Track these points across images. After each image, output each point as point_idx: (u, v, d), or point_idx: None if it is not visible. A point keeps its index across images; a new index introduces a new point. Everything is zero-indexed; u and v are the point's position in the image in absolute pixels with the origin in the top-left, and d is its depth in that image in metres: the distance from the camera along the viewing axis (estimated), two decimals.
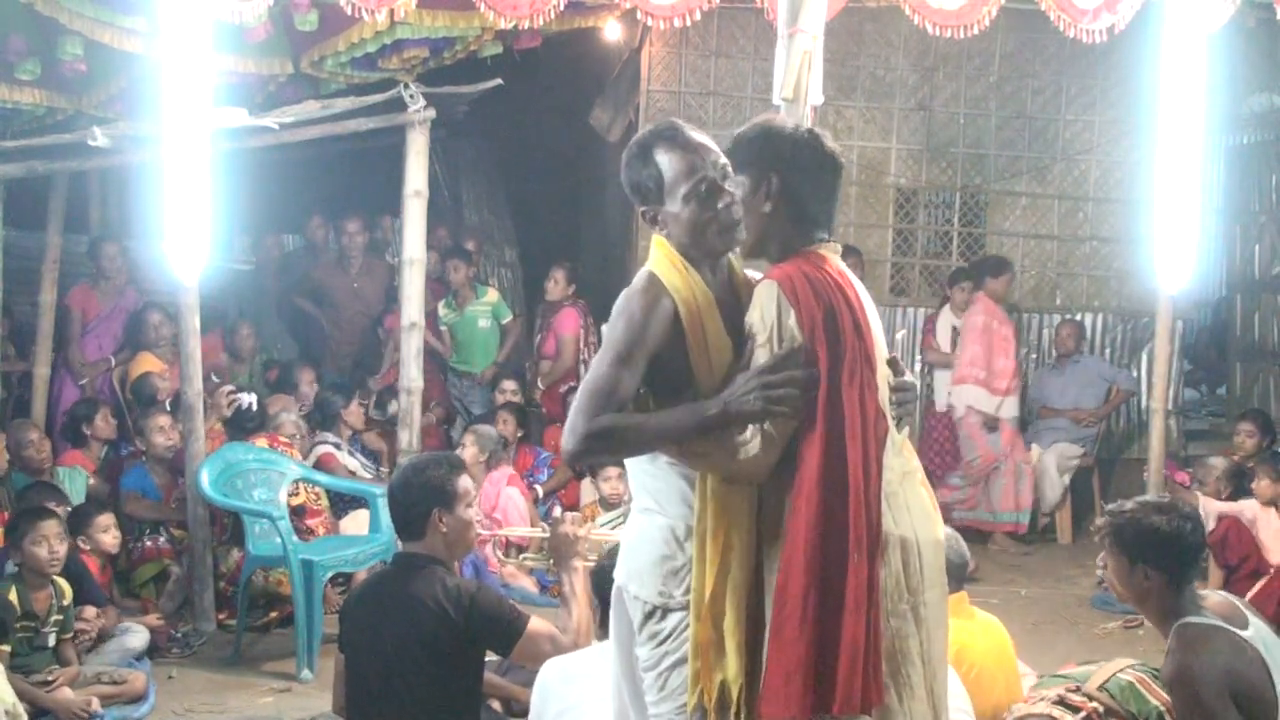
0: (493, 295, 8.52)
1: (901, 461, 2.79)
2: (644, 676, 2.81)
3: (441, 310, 8.40)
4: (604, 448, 2.73)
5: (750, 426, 2.64)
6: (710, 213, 2.74)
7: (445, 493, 3.68)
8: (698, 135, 2.81)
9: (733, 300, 2.83)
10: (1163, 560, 3.28)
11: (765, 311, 2.68)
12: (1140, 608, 3.41)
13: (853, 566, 2.57)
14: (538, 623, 3.62)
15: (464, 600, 3.54)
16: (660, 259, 2.78)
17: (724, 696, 2.65)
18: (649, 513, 2.82)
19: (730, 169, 2.80)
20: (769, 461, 2.64)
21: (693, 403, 2.66)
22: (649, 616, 2.78)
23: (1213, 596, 3.42)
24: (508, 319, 8.53)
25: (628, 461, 2.89)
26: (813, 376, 2.62)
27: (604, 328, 2.83)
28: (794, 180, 2.80)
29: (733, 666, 2.64)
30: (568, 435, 2.65)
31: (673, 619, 2.74)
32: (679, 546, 2.74)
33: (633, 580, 2.81)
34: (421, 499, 3.66)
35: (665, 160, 2.76)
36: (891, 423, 2.77)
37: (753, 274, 2.93)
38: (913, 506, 2.76)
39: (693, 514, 2.72)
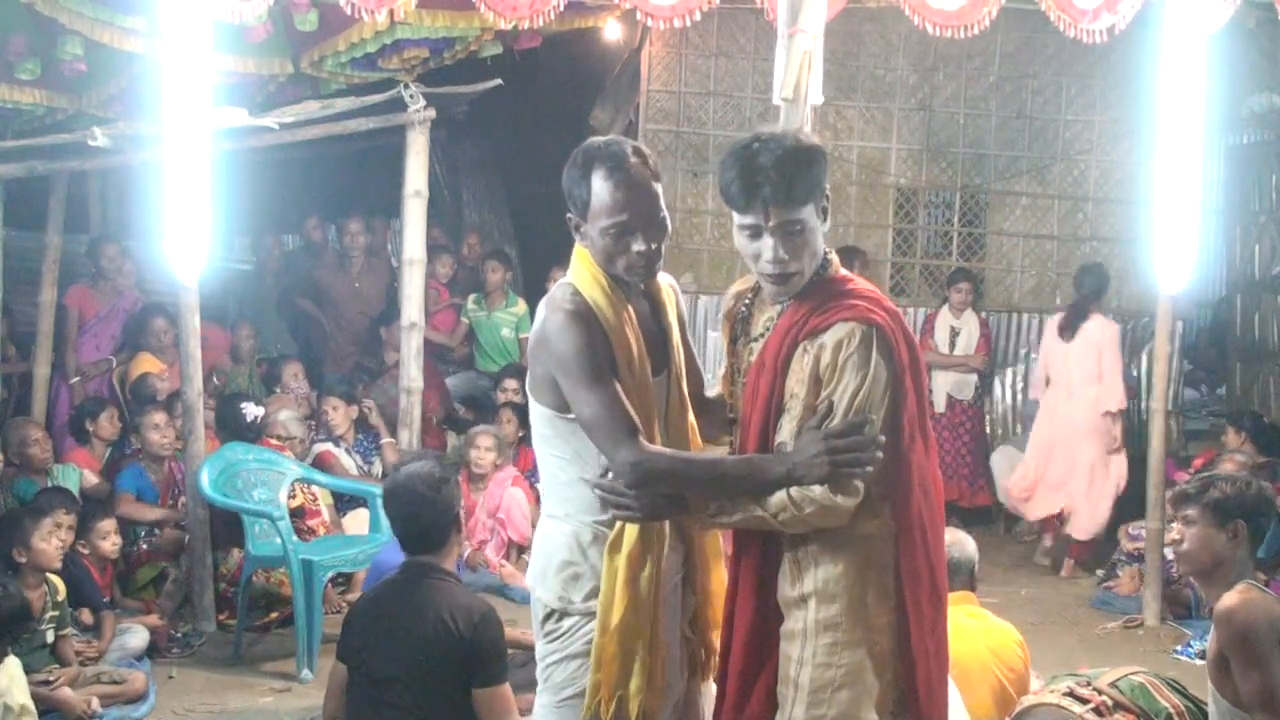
0: (521, 308, 8.50)
1: None
2: (537, 665, 2.93)
3: (470, 304, 8.48)
4: (661, 487, 2.68)
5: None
6: (621, 253, 2.77)
7: (459, 510, 3.80)
8: (638, 173, 2.75)
9: (649, 307, 2.91)
10: (1253, 517, 3.46)
11: (848, 361, 2.60)
12: (1211, 573, 3.50)
13: (943, 592, 2.78)
14: (511, 692, 3.67)
15: (474, 616, 3.59)
16: (582, 273, 2.82)
17: (621, 710, 2.75)
18: (555, 519, 2.89)
19: (665, 218, 2.80)
20: (857, 502, 2.63)
21: (755, 457, 2.67)
22: (548, 618, 2.88)
23: None
24: (527, 334, 8.50)
25: (540, 464, 2.93)
26: (880, 443, 2.59)
27: (541, 348, 2.80)
28: None
29: (635, 682, 2.74)
30: (620, 468, 2.66)
31: (568, 622, 2.85)
32: (581, 553, 2.82)
33: (537, 584, 2.90)
34: (446, 516, 3.74)
35: (598, 187, 2.75)
36: None
37: (662, 278, 2.97)
38: None
39: (593, 518, 2.80)
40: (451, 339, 8.55)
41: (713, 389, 3.08)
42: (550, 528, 2.90)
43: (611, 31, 8.23)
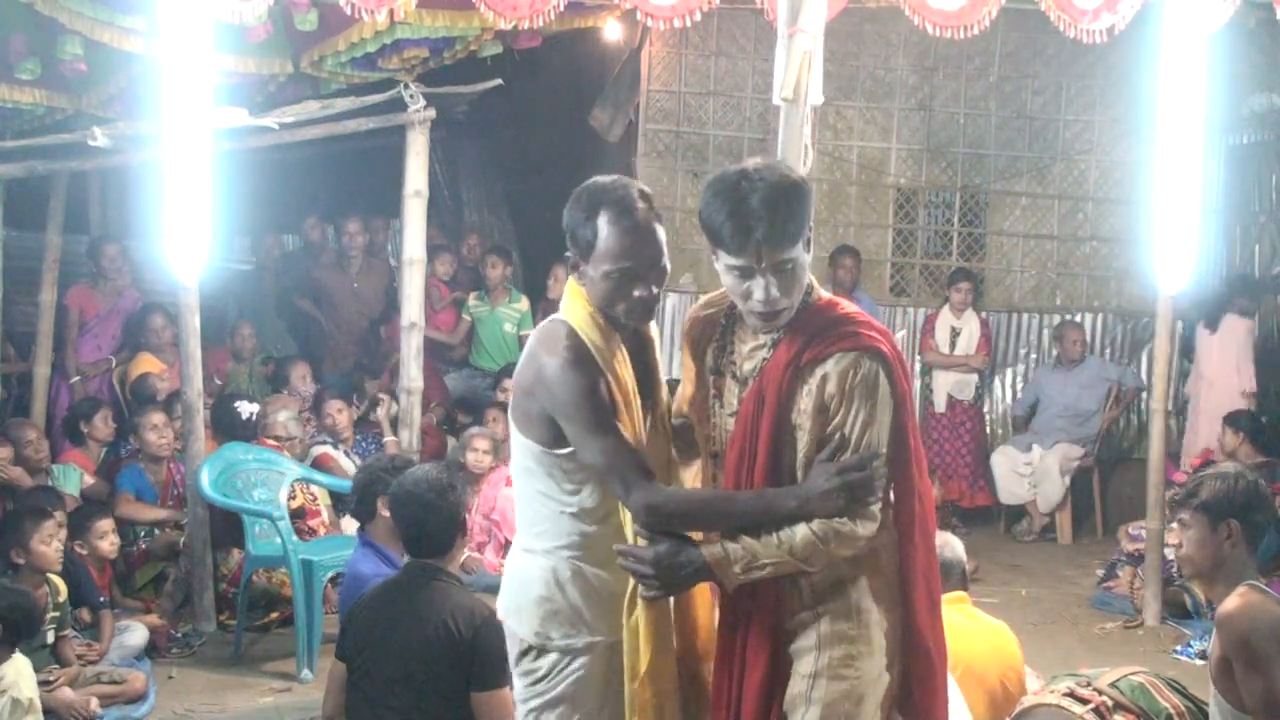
0: (524, 305, 8.50)
1: None
2: (518, 706, 2.90)
3: (472, 300, 8.49)
4: (678, 526, 2.68)
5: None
6: (623, 298, 2.73)
7: (464, 515, 3.80)
8: (644, 218, 2.71)
9: (637, 344, 2.86)
10: (1246, 515, 3.42)
11: (855, 390, 2.61)
12: (1212, 575, 3.47)
13: (938, 594, 2.84)
14: (510, 696, 3.63)
15: (476, 620, 3.58)
16: (579, 312, 2.76)
17: None
18: (531, 553, 2.84)
19: (666, 263, 2.76)
20: (876, 527, 2.67)
21: (768, 491, 2.65)
22: (524, 654, 2.84)
23: None
24: (529, 331, 8.52)
25: (519, 496, 2.90)
26: (887, 474, 2.65)
27: (539, 387, 2.73)
28: None
29: None
30: (636, 511, 2.65)
31: (547, 660, 2.80)
32: (559, 589, 2.78)
33: (511, 616, 2.87)
34: (452, 521, 3.74)
35: (604, 230, 2.70)
36: None
37: None
38: None
39: (572, 553, 2.78)
40: (452, 337, 8.55)
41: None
42: (526, 561, 2.85)
43: (611, 31, 8.23)
